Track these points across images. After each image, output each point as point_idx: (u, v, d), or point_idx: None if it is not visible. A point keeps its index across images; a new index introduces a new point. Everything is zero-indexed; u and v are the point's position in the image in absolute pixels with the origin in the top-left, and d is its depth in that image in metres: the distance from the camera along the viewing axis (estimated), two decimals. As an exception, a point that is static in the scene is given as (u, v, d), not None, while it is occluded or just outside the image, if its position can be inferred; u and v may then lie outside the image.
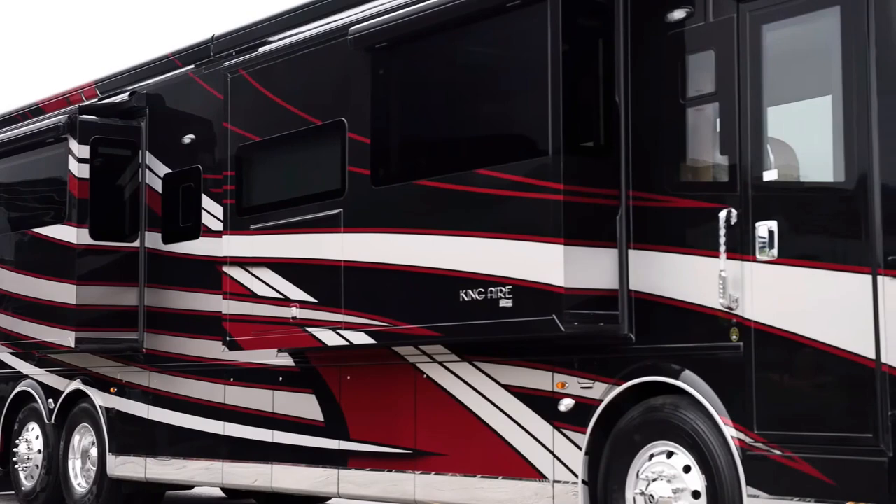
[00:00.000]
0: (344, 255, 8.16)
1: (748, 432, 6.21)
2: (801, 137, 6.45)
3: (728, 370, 6.35)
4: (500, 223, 7.15)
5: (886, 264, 5.73)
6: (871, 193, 5.79)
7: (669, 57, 6.75)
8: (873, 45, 5.80)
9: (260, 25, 9.58)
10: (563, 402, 7.14)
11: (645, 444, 6.68)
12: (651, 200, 6.82)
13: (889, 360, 5.70)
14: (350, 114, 8.23)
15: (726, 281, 6.32)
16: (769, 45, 6.28)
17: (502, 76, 7.39)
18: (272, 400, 9.16)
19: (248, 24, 9.72)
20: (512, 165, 7.12)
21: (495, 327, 7.14)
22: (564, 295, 6.74)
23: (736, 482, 6.24)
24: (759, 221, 6.23)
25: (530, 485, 7.28)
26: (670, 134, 6.75)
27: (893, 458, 5.66)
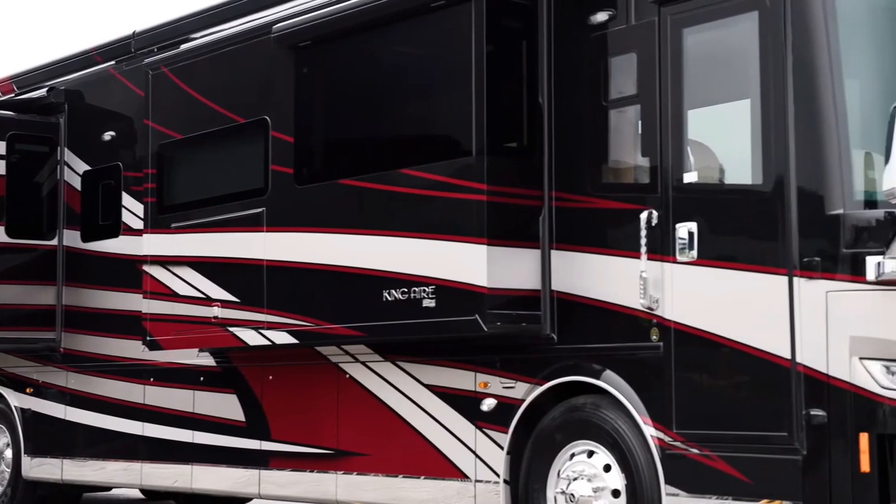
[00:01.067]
0: (267, 254, 8.14)
1: (667, 431, 6.31)
2: (720, 140, 6.56)
3: (648, 370, 6.44)
4: (423, 223, 7.18)
5: (802, 266, 5.86)
6: (788, 196, 5.91)
7: (592, 59, 6.83)
8: (790, 50, 5.92)
9: (182, 22, 9.52)
10: (486, 401, 7.19)
11: (566, 444, 6.75)
12: (573, 201, 6.90)
13: (804, 360, 5.82)
14: (273, 112, 8.21)
15: (647, 281, 6.42)
16: (690, 49, 6.38)
17: (426, 76, 7.43)
18: (193, 400, 9.10)
19: (170, 21, 9.66)
20: (436, 165, 7.15)
21: (418, 327, 7.17)
22: (487, 295, 6.79)
23: (655, 481, 6.34)
24: (679, 223, 6.33)
25: (452, 484, 7.32)
26: (593, 135, 6.83)
27: (807, 456, 5.78)
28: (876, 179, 5.79)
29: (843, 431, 5.69)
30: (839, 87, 5.84)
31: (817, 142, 5.84)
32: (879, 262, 5.64)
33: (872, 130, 5.80)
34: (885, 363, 5.66)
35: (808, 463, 5.78)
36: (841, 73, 5.85)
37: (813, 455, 5.76)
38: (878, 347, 5.68)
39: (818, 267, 5.82)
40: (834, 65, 5.84)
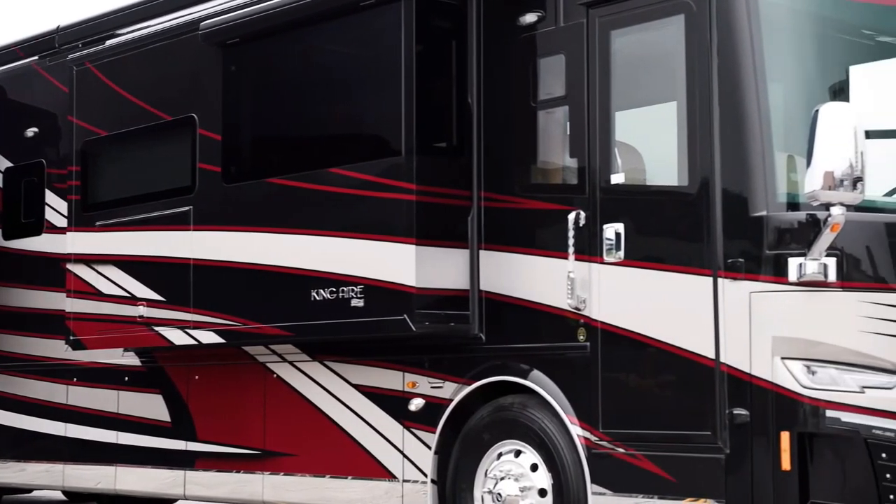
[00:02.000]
0: (193, 253, 8.11)
1: (594, 431, 6.39)
2: (647, 142, 6.66)
3: (575, 370, 6.51)
4: (352, 222, 7.20)
5: (726, 267, 5.96)
6: (713, 198, 6.01)
7: (521, 60, 6.90)
8: (715, 54, 6.03)
9: (108, 18, 9.44)
10: (414, 401, 7.22)
11: (494, 443, 6.81)
12: (502, 202, 6.95)
13: (727, 359, 5.93)
14: (201, 110, 8.18)
15: (574, 282, 6.49)
16: (617, 51, 6.47)
17: (356, 75, 7.45)
18: (117, 400, 9.03)
19: (96, 16, 9.57)
20: (365, 165, 7.18)
21: (346, 327, 7.19)
22: (416, 295, 6.83)
23: (581, 480, 6.41)
24: (607, 224, 6.42)
25: (380, 484, 7.35)
26: (521, 136, 6.90)
27: (730, 454, 5.89)
28: (798, 182, 5.90)
29: (764, 430, 5.80)
30: (763, 90, 5.96)
31: (741, 144, 5.95)
32: (801, 264, 5.76)
33: (795, 133, 5.92)
34: (806, 363, 5.78)
35: (731, 461, 5.89)
36: (765, 76, 5.96)
37: (736, 454, 5.87)
38: (799, 347, 5.80)
39: (742, 268, 5.93)
40: (758, 68, 5.95)
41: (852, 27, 6.44)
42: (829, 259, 5.74)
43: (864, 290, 5.81)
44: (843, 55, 6.42)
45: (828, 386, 5.76)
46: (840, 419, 5.70)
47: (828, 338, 5.80)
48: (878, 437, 5.67)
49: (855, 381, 5.76)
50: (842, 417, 5.70)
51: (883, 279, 5.87)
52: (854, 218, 5.71)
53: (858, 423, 5.69)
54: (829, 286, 5.76)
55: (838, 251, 5.77)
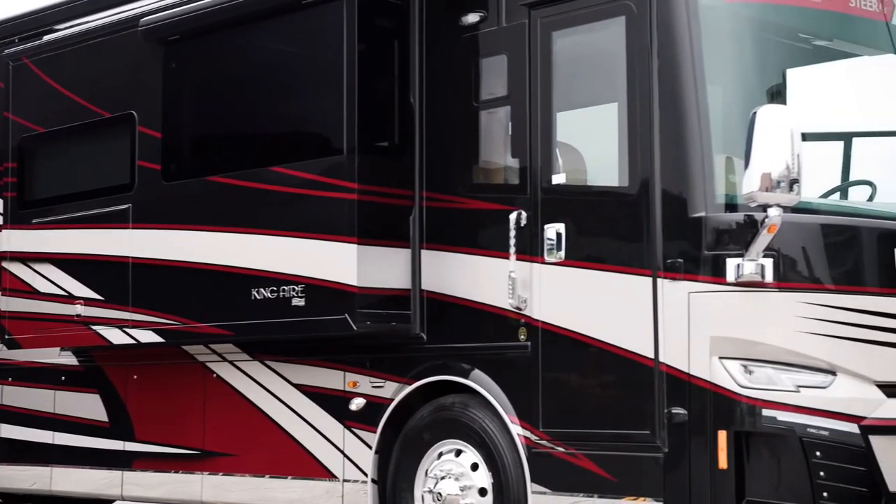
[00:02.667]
0: (132, 251, 8.08)
1: (534, 430, 6.45)
2: (588, 142, 6.74)
3: (516, 369, 6.57)
4: (293, 222, 7.21)
5: (665, 267, 6.04)
6: (653, 198, 6.09)
7: (463, 60, 6.94)
8: (655, 56, 6.11)
9: (46, 12, 9.36)
10: (355, 401, 7.24)
11: (434, 443, 6.85)
12: (444, 201, 7.00)
13: (667, 359, 6.01)
14: (140, 107, 8.15)
15: (515, 282, 6.55)
16: (559, 52, 6.54)
17: (298, 74, 7.46)
18: (53, 400, 8.97)
19: (33, 11, 9.48)
20: (306, 164, 7.19)
21: (287, 326, 7.20)
22: (357, 294, 6.85)
23: (521, 479, 6.47)
24: (548, 224, 6.48)
25: (321, 484, 7.36)
26: (463, 136, 6.94)
27: (669, 453, 5.97)
28: (736, 183, 5.99)
29: (702, 429, 5.89)
30: (702, 92, 6.04)
31: (681, 146, 6.03)
32: (739, 264, 5.85)
33: (734, 135, 6.00)
34: (743, 363, 5.88)
35: (670, 460, 5.97)
36: (704, 78, 6.05)
37: (674, 453, 5.95)
38: (736, 347, 5.89)
39: (681, 268, 6.01)
40: (697, 71, 6.04)
41: (789, 31, 6.56)
42: (766, 260, 5.83)
43: (801, 290, 5.92)
44: (780, 58, 6.53)
45: (764, 385, 5.86)
46: (776, 418, 5.80)
47: (765, 338, 5.89)
48: (813, 436, 5.77)
49: (791, 381, 5.86)
50: (778, 416, 5.80)
51: (818, 280, 5.98)
52: (791, 219, 5.80)
53: (794, 422, 5.79)
54: (766, 286, 5.86)
55: (775, 252, 5.86)
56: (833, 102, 6.71)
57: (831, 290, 5.96)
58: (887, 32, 6.63)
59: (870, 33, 6.61)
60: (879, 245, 6.13)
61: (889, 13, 6.64)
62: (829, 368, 5.91)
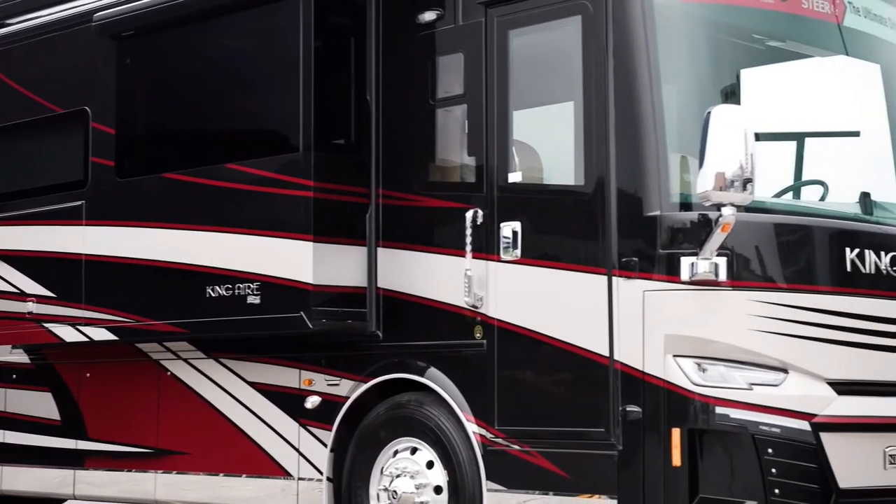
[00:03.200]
0: (86, 248, 8.04)
1: (489, 428, 6.49)
2: (544, 141, 6.78)
3: (472, 367, 6.61)
4: (249, 219, 7.21)
5: (621, 265, 6.10)
6: (608, 197, 6.14)
7: (420, 58, 6.97)
8: (611, 55, 6.16)
9: (-2, 6, 9.29)
10: (310, 399, 7.25)
11: (390, 441, 6.87)
12: (400, 199, 7.02)
13: (621, 357, 6.07)
14: (94, 103, 8.11)
15: (471, 280, 6.58)
16: (515, 51, 6.58)
17: (254, 70, 7.46)
18: (4, 398, 8.91)
19: (-15, 5, 9.41)
20: (262, 161, 7.19)
21: (242, 324, 7.20)
22: (313, 292, 6.87)
23: (477, 477, 6.51)
24: (504, 222, 6.52)
25: (276, 483, 7.37)
26: (420, 134, 6.97)
27: (623, 451, 6.03)
28: (691, 182, 6.05)
29: (656, 427, 5.95)
30: (657, 92, 6.10)
31: (636, 145, 6.09)
32: (693, 263, 5.91)
33: (688, 134, 6.07)
34: (697, 360, 5.94)
35: (624, 458, 6.03)
36: (659, 78, 6.11)
37: (628, 450, 6.01)
38: (690, 345, 5.96)
39: (636, 267, 6.06)
40: (653, 70, 6.10)
41: (743, 31, 6.63)
42: (720, 259, 5.90)
43: (754, 289, 5.99)
44: (734, 58, 6.60)
45: (718, 383, 5.93)
46: (729, 416, 5.87)
47: (718, 336, 5.96)
48: (765, 433, 5.85)
49: (744, 379, 5.94)
50: (731, 414, 5.87)
51: (771, 278, 6.06)
52: (744, 218, 5.87)
53: (746, 420, 5.86)
54: (719, 285, 5.93)
55: (729, 251, 5.93)
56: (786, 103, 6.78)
57: (784, 289, 6.04)
58: (839, 34, 6.73)
59: (822, 34, 6.70)
60: (831, 244, 6.22)
61: (840, 14, 6.73)
62: (781, 366, 5.98)
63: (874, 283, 6.22)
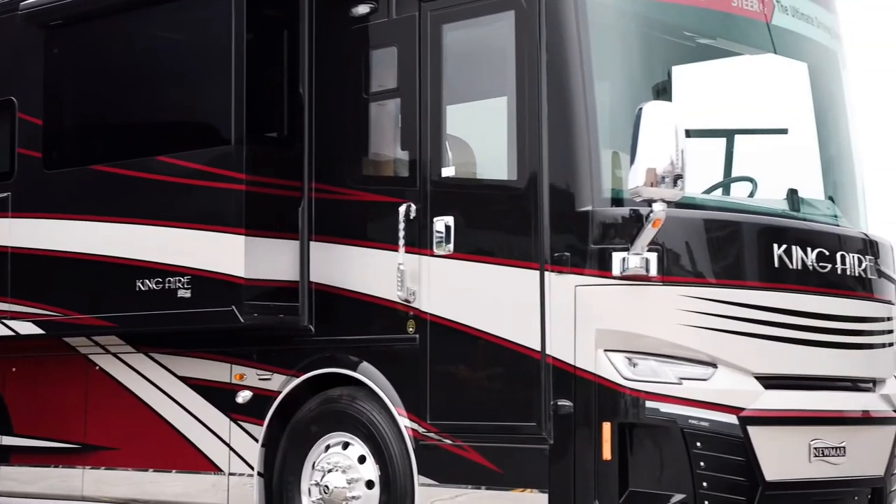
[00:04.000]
0: (12, 240, 7.97)
1: (422, 423, 6.53)
2: (478, 136, 6.83)
3: (405, 362, 6.65)
4: (180, 212, 7.19)
5: (553, 260, 6.17)
6: (541, 192, 6.21)
7: (353, 51, 6.99)
8: (544, 51, 6.22)
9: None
10: (241, 394, 7.25)
11: (322, 436, 6.89)
12: (333, 193, 7.03)
13: (553, 352, 6.14)
14: (20, 93, 8.04)
15: (404, 274, 6.61)
16: (449, 45, 6.62)
17: (185, 62, 7.43)
18: (-72, 394, 8.79)
19: None
20: (193, 153, 7.17)
21: (173, 318, 7.18)
22: (244, 286, 6.87)
23: (409, 471, 6.55)
24: (437, 216, 6.56)
25: (206, 478, 7.36)
26: (353, 128, 6.99)
27: (554, 445, 6.10)
28: (623, 178, 6.13)
29: (588, 421, 6.03)
30: (590, 88, 6.18)
31: (569, 140, 6.16)
32: (624, 258, 6.00)
33: (620, 131, 6.15)
34: (628, 355, 6.03)
35: (555, 452, 6.10)
36: (591, 74, 6.19)
37: (559, 444, 6.09)
38: (621, 340, 6.04)
39: (568, 262, 6.14)
40: (585, 66, 6.17)
41: (675, 29, 6.73)
42: (651, 254, 5.99)
43: (684, 284, 6.09)
44: (666, 55, 6.71)
45: (648, 377, 6.02)
46: (659, 410, 5.96)
47: (649, 330, 6.06)
48: (694, 427, 5.95)
49: (674, 373, 6.03)
50: (661, 408, 5.96)
51: (701, 274, 6.16)
52: (675, 214, 5.97)
53: (676, 414, 5.96)
54: (650, 280, 6.02)
55: (659, 246, 6.03)
56: (716, 100, 6.90)
57: (713, 284, 6.15)
58: (768, 32, 6.85)
59: (751, 33, 6.81)
60: (760, 240, 6.34)
61: (769, 13, 6.85)
62: (710, 361, 6.09)
63: (801, 279, 6.35)
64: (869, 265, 6.67)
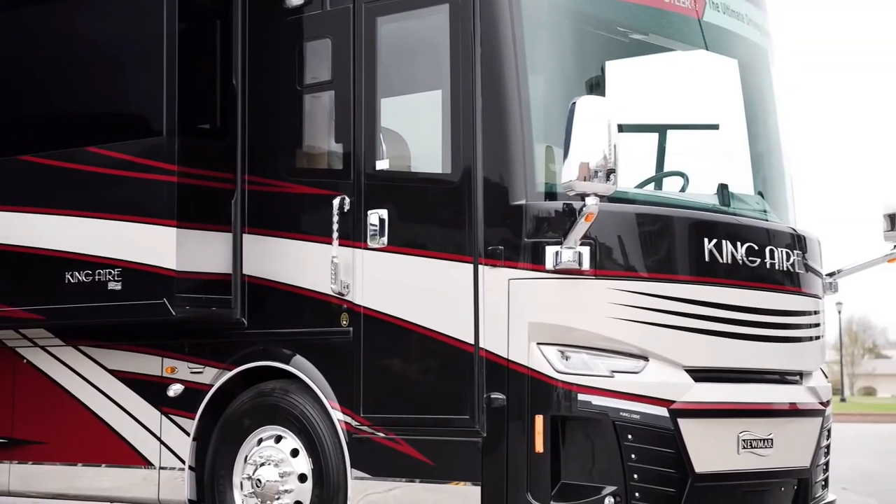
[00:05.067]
0: (-63, 232, 7.84)
1: (355, 416, 6.55)
2: (412, 129, 6.85)
3: (338, 355, 6.67)
4: (110, 204, 7.16)
5: (487, 254, 6.22)
6: (475, 186, 6.26)
7: (287, 43, 6.99)
8: (478, 45, 6.26)
9: None
10: (173, 387, 7.22)
11: (254, 429, 6.90)
12: (267, 185, 7.03)
13: (487, 345, 6.19)
14: (-54, 81, 7.91)
15: (338, 267, 6.63)
16: (384, 38, 6.64)
17: (117, 52, 7.38)
18: None
19: None
20: (125, 144, 7.14)
21: (103, 311, 7.14)
22: (176, 278, 6.85)
23: (342, 465, 6.57)
24: (371, 209, 6.58)
25: (137, 472, 7.32)
26: (287, 120, 6.99)
27: (487, 438, 6.15)
28: (556, 172, 6.19)
29: (520, 414, 6.09)
30: (524, 82, 6.23)
31: (503, 134, 6.21)
32: (557, 252, 6.06)
33: (554, 125, 6.21)
34: (561, 348, 6.10)
35: (488, 445, 6.16)
36: (526, 68, 6.24)
37: (492, 437, 6.14)
38: (554, 333, 6.11)
39: (501, 255, 6.19)
40: (519, 61, 6.22)
41: (608, 24, 6.80)
42: (584, 248, 6.06)
43: (616, 278, 6.17)
44: (599, 51, 6.77)
45: (580, 371, 6.09)
46: (591, 402, 6.04)
47: (581, 324, 6.13)
48: (625, 420, 6.04)
49: (605, 366, 6.11)
50: (592, 401, 6.04)
51: (633, 268, 6.24)
52: (607, 208, 6.04)
53: (607, 406, 6.04)
54: (583, 274, 6.09)
55: (592, 240, 6.10)
56: (649, 96, 6.98)
57: (645, 278, 6.23)
58: (699, 29, 6.94)
59: (683, 29, 6.91)
60: (691, 235, 6.43)
61: (701, 10, 6.95)
62: (641, 354, 6.17)
63: (731, 273, 6.45)
64: (797, 259, 6.79)
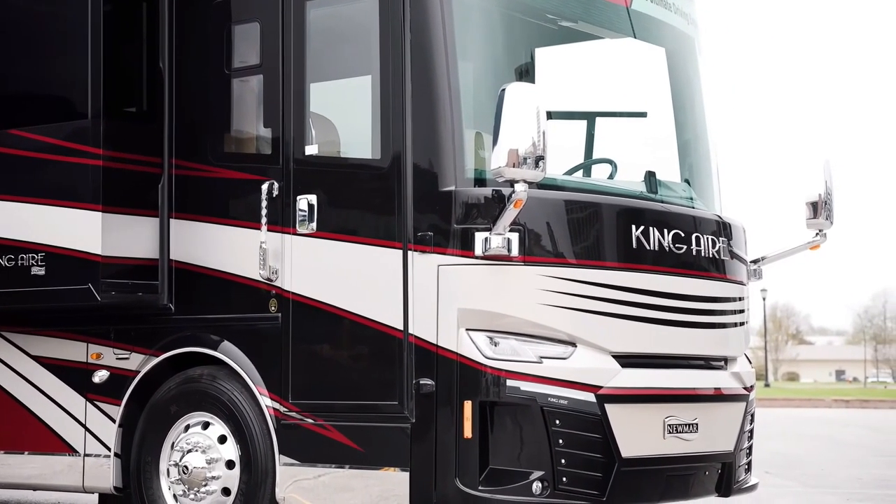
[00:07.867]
0: None
1: (283, 402, 6.55)
2: (342, 114, 6.85)
3: (267, 341, 6.67)
4: (34, 187, 7.10)
5: (416, 240, 6.25)
6: (404, 171, 6.28)
7: (215, 26, 6.96)
8: (408, 31, 6.27)
9: None
10: (98, 373, 7.17)
11: (182, 416, 6.88)
12: (195, 170, 6.99)
13: (416, 331, 6.24)
14: None
15: (266, 252, 6.62)
16: (313, 23, 6.63)
17: (40, 33, 7.32)
18: None
19: None
20: (49, 127, 7.08)
21: (26, 296, 7.09)
22: (101, 263, 6.80)
23: (270, 451, 6.57)
24: (300, 195, 6.57)
25: (61, 459, 7.27)
26: (215, 104, 6.97)
27: (416, 424, 6.19)
28: (486, 158, 6.22)
29: (449, 400, 6.14)
30: (454, 68, 6.27)
31: (432, 120, 6.24)
32: (487, 238, 6.10)
33: (483, 111, 6.25)
34: (489, 334, 6.15)
35: (416, 431, 6.20)
36: (455, 55, 6.28)
37: (421, 423, 6.18)
38: (483, 319, 6.16)
39: (431, 241, 6.22)
40: (449, 47, 6.25)
41: (538, 11, 6.86)
42: (513, 234, 6.11)
43: (544, 264, 6.23)
44: (529, 38, 6.82)
45: (509, 356, 6.15)
46: (519, 388, 6.10)
47: (510, 310, 6.18)
48: (553, 405, 6.11)
49: (534, 352, 6.17)
50: (521, 387, 6.10)
51: (561, 254, 6.30)
52: (536, 195, 6.10)
53: (536, 392, 6.10)
54: (511, 260, 6.14)
55: (521, 227, 6.15)
56: (578, 83, 7.03)
57: (573, 265, 6.30)
58: (628, 17, 7.00)
59: (612, 17, 6.98)
60: (619, 221, 6.51)
61: (630, -1, 7.01)
62: (569, 340, 6.24)
63: (658, 260, 6.54)
64: (722, 246, 6.89)
